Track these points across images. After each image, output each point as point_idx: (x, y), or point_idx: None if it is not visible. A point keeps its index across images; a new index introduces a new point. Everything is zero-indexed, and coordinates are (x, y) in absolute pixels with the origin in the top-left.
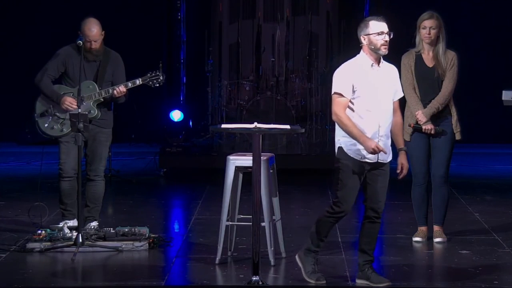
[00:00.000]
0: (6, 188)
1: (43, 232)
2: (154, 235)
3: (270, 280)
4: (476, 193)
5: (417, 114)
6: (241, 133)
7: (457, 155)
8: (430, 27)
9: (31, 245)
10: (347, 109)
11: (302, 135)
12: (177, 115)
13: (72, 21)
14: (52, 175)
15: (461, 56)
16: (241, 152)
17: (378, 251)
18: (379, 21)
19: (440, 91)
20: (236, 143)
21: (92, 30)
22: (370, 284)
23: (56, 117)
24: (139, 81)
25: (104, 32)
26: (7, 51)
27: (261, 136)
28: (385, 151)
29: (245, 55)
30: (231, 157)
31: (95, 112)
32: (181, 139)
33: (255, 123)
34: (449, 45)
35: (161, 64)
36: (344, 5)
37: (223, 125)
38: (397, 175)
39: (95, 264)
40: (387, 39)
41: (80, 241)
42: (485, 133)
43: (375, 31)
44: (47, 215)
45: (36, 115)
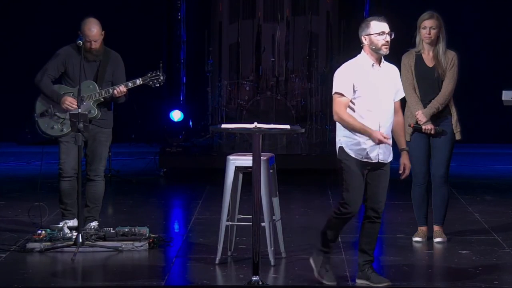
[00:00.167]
0: (6, 188)
1: (43, 232)
2: (154, 235)
3: (270, 280)
4: (476, 193)
5: (417, 114)
6: (241, 133)
7: (457, 155)
8: (430, 27)
9: (31, 245)
10: (348, 108)
11: (302, 135)
12: (177, 115)
13: (72, 21)
14: (52, 175)
15: (461, 56)
16: (241, 152)
17: (378, 251)
18: (380, 21)
19: (440, 91)
20: (236, 143)
21: (92, 30)
22: (370, 284)
23: (56, 117)
24: (139, 81)
25: (104, 32)
26: (7, 51)
27: (261, 136)
28: (389, 142)
29: (245, 55)
30: (231, 157)
31: (95, 112)
32: (181, 139)
33: (255, 123)
34: (449, 45)
35: (161, 64)
36: (344, 5)
37: (223, 125)
38: (399, 176)
39: (95, 264)
40: (388, 39)
41: (80, 241)
42: (485, 133)
43: (376, 31)
44: (47, 215)
45: (36, 115)
